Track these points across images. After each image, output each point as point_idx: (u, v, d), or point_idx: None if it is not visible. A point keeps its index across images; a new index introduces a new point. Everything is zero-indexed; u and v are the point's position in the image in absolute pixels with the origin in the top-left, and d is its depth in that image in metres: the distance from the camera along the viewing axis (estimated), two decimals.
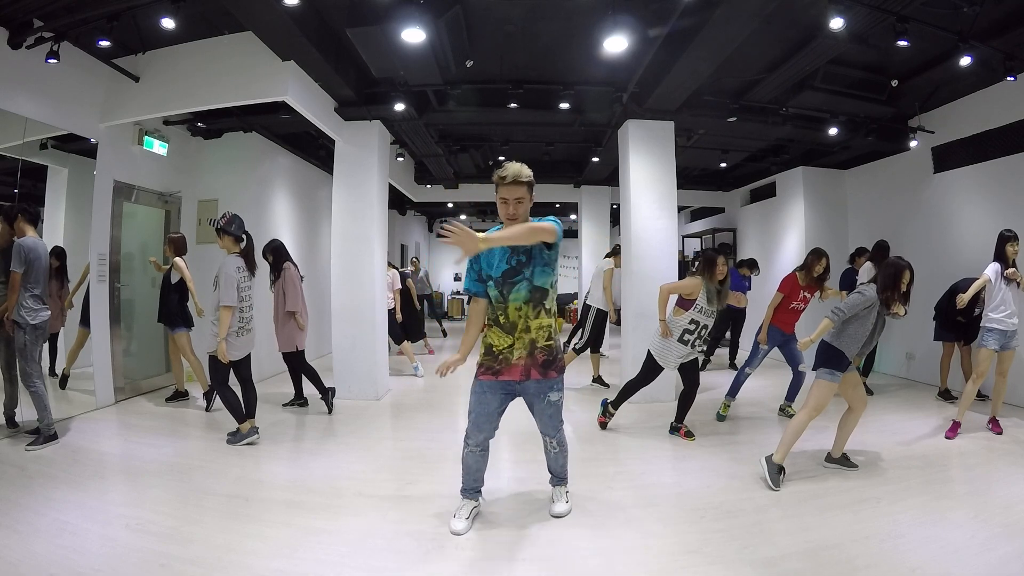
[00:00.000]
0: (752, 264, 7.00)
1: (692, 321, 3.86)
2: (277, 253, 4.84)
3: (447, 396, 5.61)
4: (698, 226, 11.08)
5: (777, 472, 3.12)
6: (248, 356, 4.00)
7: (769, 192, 8.41)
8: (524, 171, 2.43)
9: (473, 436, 2.64)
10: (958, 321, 4.83)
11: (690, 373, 4.01)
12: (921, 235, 6.04)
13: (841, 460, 3.40)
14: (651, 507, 2.89)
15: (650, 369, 4.08)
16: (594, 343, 5.85)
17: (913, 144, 5.79)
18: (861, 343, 3.19)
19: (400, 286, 6.66)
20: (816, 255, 4.45)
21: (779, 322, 4.54)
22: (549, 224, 2.38)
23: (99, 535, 2.49)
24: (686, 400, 4.06)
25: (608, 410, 4.28)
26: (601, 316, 5.77)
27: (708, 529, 2.63)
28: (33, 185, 4.71)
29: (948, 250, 5.64)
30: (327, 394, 4.77)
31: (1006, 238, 3.96)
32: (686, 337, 3.88)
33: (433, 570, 2.30)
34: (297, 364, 4.87)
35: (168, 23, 3.66)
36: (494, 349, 2.54)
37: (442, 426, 4.51)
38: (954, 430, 3.97)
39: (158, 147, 5.41)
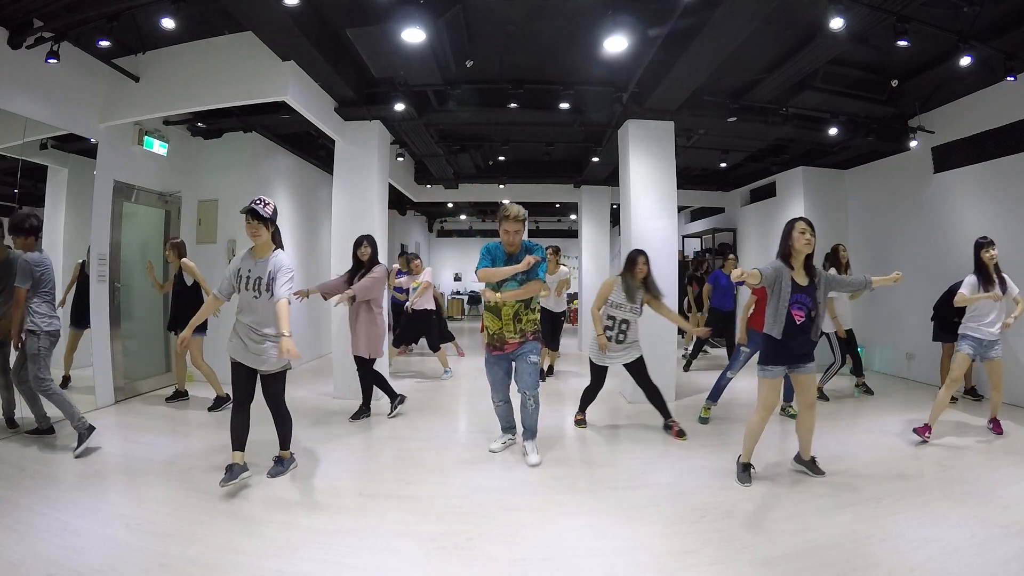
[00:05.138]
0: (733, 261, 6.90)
1: (609, 317, 4.07)
2: (375, 247, 4.51)
3: (447, 397, 5.61)
4: (698, 226, 11.08)
5: (743, 470, 3.19)
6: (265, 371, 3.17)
7: (769, 192, 8.41)
8: (522, 212, 3.40)
9: (494, 395, 3.73)
10: (955, 323, 4.81)
11: (640, 372, 4.13)
12: (921, 235, 6.04)
13: (808, 464, 3.30)
14: (651, 507, 2.89)
15: (596, 372, 4.24)
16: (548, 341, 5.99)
17: (913, 144, 5.80)
18: (782, 324, 3.00)
19: (430, 280, 6.48)
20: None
21: (757, 324, 4.50)
22: (539, 282, 3.45)
23: (99, 535, 2.49)
24: (655, 400, 4.15)
25: (577, 420, 4.45)
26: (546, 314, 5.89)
27: (708, 529, 2.63)
28: (33, 185, 4.70)
29: (948, 250, 5.63)
30: (395, 399, 4.73)
31: (981, 245, 3.92)
32: (608, 334, 4.06)
33: (433, 570, 2.30)
34: (369, 371, 4.58)
35: (168, 23, 3.67)
36: (490, 331, 3.53)
37: (442, 427, 4.51)
38: (924, 431, 3.86)
39: (158, 147, 5.41)
